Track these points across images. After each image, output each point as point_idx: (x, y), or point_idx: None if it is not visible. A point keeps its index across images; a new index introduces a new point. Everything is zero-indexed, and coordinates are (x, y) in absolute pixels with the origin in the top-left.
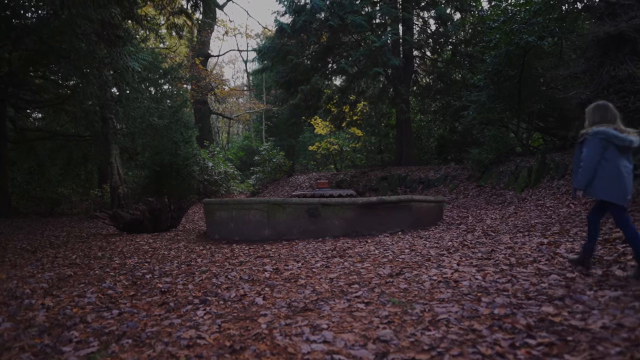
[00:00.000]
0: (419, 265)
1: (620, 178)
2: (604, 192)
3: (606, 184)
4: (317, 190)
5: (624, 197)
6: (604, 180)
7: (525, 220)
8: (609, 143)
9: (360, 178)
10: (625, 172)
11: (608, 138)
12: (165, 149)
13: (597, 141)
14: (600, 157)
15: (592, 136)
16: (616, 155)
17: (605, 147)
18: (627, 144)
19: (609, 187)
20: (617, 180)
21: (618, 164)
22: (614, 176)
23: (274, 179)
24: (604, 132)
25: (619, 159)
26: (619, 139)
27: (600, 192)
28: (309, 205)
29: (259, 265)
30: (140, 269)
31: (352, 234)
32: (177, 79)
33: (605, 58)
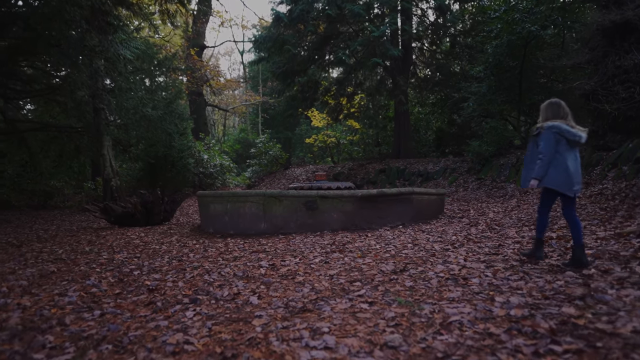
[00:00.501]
0: (424, 260)
1: (569, 170)
2: (555, 182)
3: (555, 175)
4: (314, 183)
5: (570, 188)
6: (556, 172)
7: (529, 213)
8: (562, 137)
9: (358, 171)
10: (574, 165)
11: (561, 132)
12: (160, 141)
13: (551, 135)
14: (554, 149)
15: (547, 130)
16: (567, 149)
17: (557, 141)
18: (577, 139)
19: (557, 177)
20: (567, 172)
21: (568, 157)
22: (564, 168)
23: (270, 171)
24: (558, 127)
25: (569, 153)
26: (571, 133)
27: (552, 182)
28: (306, 198)
29: (254, 260)
30: (129, 265)
31: (351, 227)
32: (172, 70)
33: (611, 48)
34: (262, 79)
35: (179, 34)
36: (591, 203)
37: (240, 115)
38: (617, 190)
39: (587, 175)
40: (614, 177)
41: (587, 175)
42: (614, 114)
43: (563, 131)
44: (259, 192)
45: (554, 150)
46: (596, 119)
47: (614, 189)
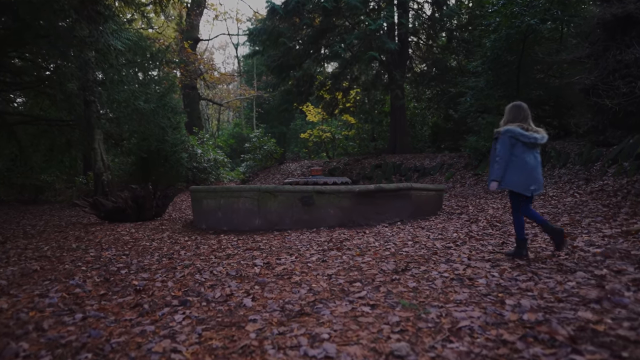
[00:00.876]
0: (426, 259)
1: (524, 171)
2: (510, 183)
3: (512, 176)
4: (310, 178)
5: (527, 188)
6: (513, 173)
7: None
8: (517, 140)
9: (354, 166)
10: (531, 166)
11: (515, 136)
12: (152, 135)
13: (506, 139)
14: (510, 152)
15: (503, 134)
16: (524, 150)
17: (513, 144)
18: (532, 141)
19: (514, 179)
20: (522, 173)
21: (525, 159)
22: (518, 170)
23: (265, 166)
24: (512, 131)
25: (527, 154)
26: (524, 136)
27: (508, 183)
28: (302, 193)
29: (248, 258)
30: (116, 263)
31: (348, 224)
32: (165, 63)
33: (611, 42)
34: (256, 73)
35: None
36: (592, 199)
37: (235, 109)
38: (618, 187)
39: (587, 171)
40: (614, 173)
41: (587, 171)
42: (615, 109)
43: (517, 135)
44: (254, 187)
45: (509, 154)
46: (596, 114)
47: (615, 185)
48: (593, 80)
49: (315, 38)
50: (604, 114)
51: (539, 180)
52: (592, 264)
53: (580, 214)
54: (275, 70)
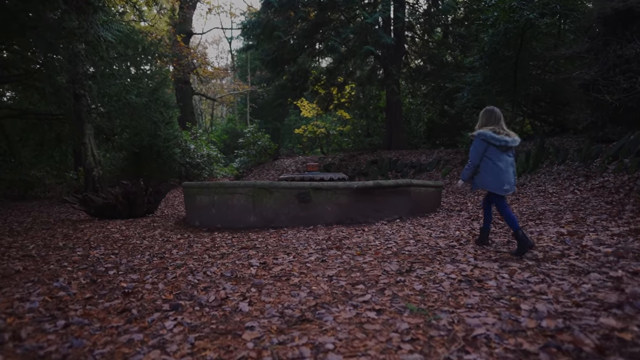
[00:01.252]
0: (430, 259)
1: (497, 172)
2: (484, 183)
3: (486, 177)
4: (306, 174)
5: (500, 188)
6: (487, 174)
7: (530, 207)
8: (489, 144)
9: (349, 162)
10: (504, 167)
11: (487, 139)
12: (145, 130)
13: (479, 142)
14: (481, 155)
15: (476, 138)
16: (497, 153)
17: (486, 147)
18: (503, 144)
19: (488, 179)
20: (495, 174)
21: (497, 161)
22: (491, 171)
23: (259, 162)
24: (484, 135)
25: (499, 155)
26: (495, 139)
27: (482, 183)
28: (299, 189)
29: (244, 258)
30: (104, 263)
31: (346, 221)
32: (157, 56)
33: (612, 36)
34: (250, 68)
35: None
36: (594, 196)
37: (228, 105)
38: (619, 183)
39: (587, 167)
40: (614, 169)
41: (587, 167)
42: (615, 104)
43: (489, 138)
44: (248, 183)
45: (481, 156)
46: (595, 110)
47: (616, 182)
48: (593, 76)
49: (310, 32)
50: (604, 110)
51: (511, 181)
52: (605, 264)
53: (584, 211)
54: (270, 65)
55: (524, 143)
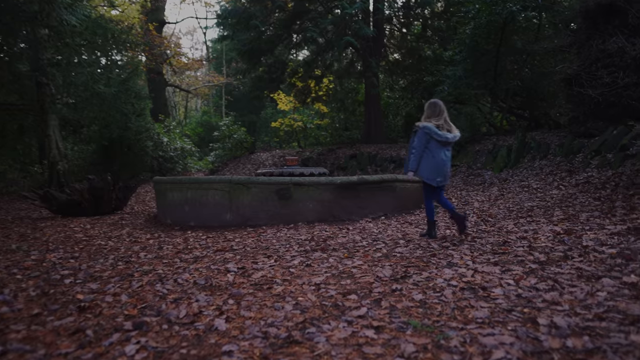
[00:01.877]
0: (425, 262)
1: (434, 165)
2: (421, 173)
3: (425, 168)
4: (285, 168)
5: (434, 179)
6: (425, 165)
7: (516, 202)
8: (431, 137)
9: (328, 156)
10: (440, 161)
11: (430, 133)
12: (114, 122)
13: (422, 134)
14: (424, 146)
15: (421, 130)
16: (437, 146)
17: (428, 140)
18: (444, 139)
19: (424, 170)
20: (432, 167)
21: (436, 154)
22: (429, 163)
23: (234, 156)
24: (428, 128)
25: (439, 150)
26: (438, 135)
27: (422, 174)
28: (278, 185)
29: (220, 262)
30: (61, 269)
31: (329, 218)
32: (128, 44)
33: (594, 30)
34: (225, 60)
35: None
36: (581, 192)
37: (203, 97)
38: (605, 179)
39: (569, 162)
40: (598, 164)
41: (569, 162)
42: (597, 99)
43: (432, 132)
44: (224, 179)
45: (424, 147)
46: (577, 105)
47: (601, 178)
48: (575, 70)
49: (287, 22)
50: (586, 105)
51: (446, 174)
52: (614, 268)
53: (573, 207)
54: (246, 55)
55: (505, 138)
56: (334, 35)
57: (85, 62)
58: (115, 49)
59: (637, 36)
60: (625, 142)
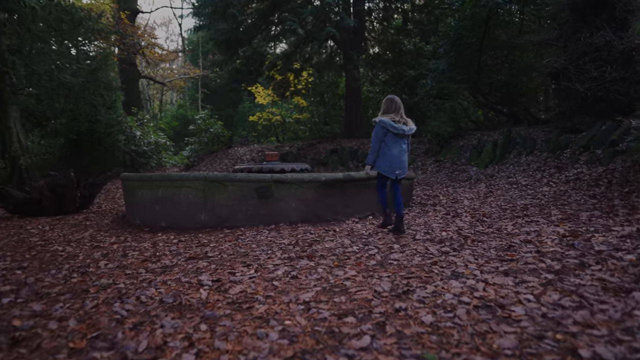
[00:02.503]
0: (427, 272)
1: (392, 158)
2: (379, 166)
3: (383, 162)
4: (265, 164)
5: (392, 172)
6: (382, 158)
7: (507, 200)
8: (388, 131)
9: (308, 151)
10: (397, 154)
11: (386, 127)
12: (83, 114)
13: (379, 129)
14: (381, 140)
15: (377, 124)
16: (394, 139)
17: (384, 134)
18: (400, 132)
19: (382, 163)
20: (390, 159)
21: (392, 147)
22: (386, 156)
23: (211, 150)
24: (383, 122)
25: (396, 143)
26: (394, 127)
27: (379, 167)
28: (258, 183)
29: (192, 273)
30: (2, 284)
31: (313, 219)
32: (97, 32)
33: (582, 23)
34: (202, 52)
35: None
36: (573, 189)
37: (179, 90)
38: (596, 176)
39: (557, 159)
40: (587, 160)
41: (557, 159)
42: (584, 94)
43: (387, 125)
44: (198, 175)
45: (380, 141)
46: (564, 100)
47: (592, 174)
48: (563, 64)
49: (266, 13)
50: (572, 100)
51: (403, 166)
52: None
53: (569, 206)
54: (223, 46)
55: (489, 133)
56: (314, 27)
57: (51, 50)
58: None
59: (624, 30)
60: (615, 137)
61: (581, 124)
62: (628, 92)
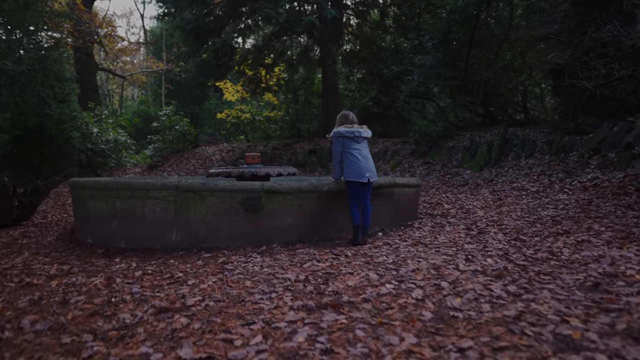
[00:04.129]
0: (519, 336)
1: (357, 162)
2: (349, 175)
3: (349, 169)
4: (245, 167)
5: (362, 176)
6: (348, 166)
7: (527, 210)
8: (344, 138)
9: (284, 151)
10: (361, 158)
11: (342, 134)
12: (30, 108)
13: (336, 141)
14: (341, 150)
15: (334, 137)
16: (354, 145)
17: (342, 143)
18: (356, 135)
19: (350, 171)
20: (356, 164)
21: (355, 152)
22: (351, 163)
23: (176, 149)
24: (338, 132)
25: (357, 148)
26: (349, 132)
27: (348, 176)
28: (245, 193)
29: (165, 340)
30: None
31: (313, 237)
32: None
33: (587, 17)
34: (166, 45)
35: None
36: (597, 198)
37: (140, 85)
38: (617, 182)
39: (563, 162)
40: (599, 164)
41: (563, 162)
42: (589, 92)
43: (343, 133)
44: (169, 183)
45: (341, 152)
46: (566, 99)
47: (611, 180)
48: (567, 60)
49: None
50: (576, 98)
51: (372, 169)
52: None
53: (607, 218)
54: (191, 36)
55: (481, 134)
56: (290, 17)
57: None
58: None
59: (631, 24)
60: (630, 140)
61: (586, 124)
62: (636, 91)
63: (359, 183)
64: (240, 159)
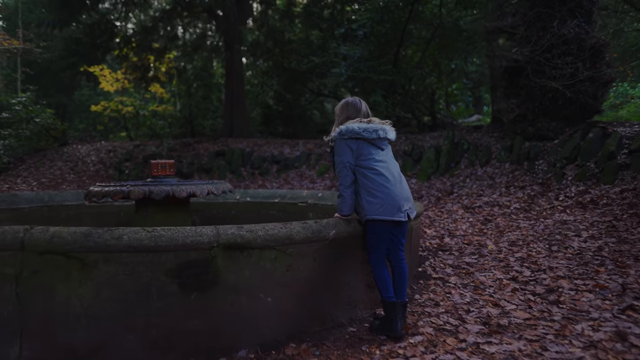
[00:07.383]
0: None
1: (384, 187)
2: (372, 209)
3: (370, 198)
4: (152, 183)
5: (397, 210)
6: (367, 194)
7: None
8: (360, 141)
9: (183, 152)
10: (391, 177)
11: (354, 135)
12: None
13: (342, 145)
14: (353, 166)
15: (337, 140)
16: (374, 155)
17: (356, 150)
18: (380, 135)
19: (375, 202)
20: (382, 191)
21: (379, 167)
22: (376, 185)
23: (36, 148)
24: (349, 130)
25: (380, 160)
26: (367, 129)
27: (370, 211)
28: (184, 252)
29: None
30: None
31: (312, 327)
32: None
33: (548, 9)
34: (22, 21)
35: None
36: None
37: None
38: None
39: (530, 172)
40: (577, 175)
41: (530, 172)
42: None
43: (358, 132)
44: (7, 235)
45: (352, 169)
46: (525, 101)
47: (609, 195)
48: (528, 56)
49: None
50: (536, 100)
51: (409, 197)
52: None
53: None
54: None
55: (421, 137)
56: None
57: None
58: None
59: (589, 23)
60: (612, 148)
61: (547, 129)
62: (595, 95)
63: (391, 223)
64: (125, 162)
